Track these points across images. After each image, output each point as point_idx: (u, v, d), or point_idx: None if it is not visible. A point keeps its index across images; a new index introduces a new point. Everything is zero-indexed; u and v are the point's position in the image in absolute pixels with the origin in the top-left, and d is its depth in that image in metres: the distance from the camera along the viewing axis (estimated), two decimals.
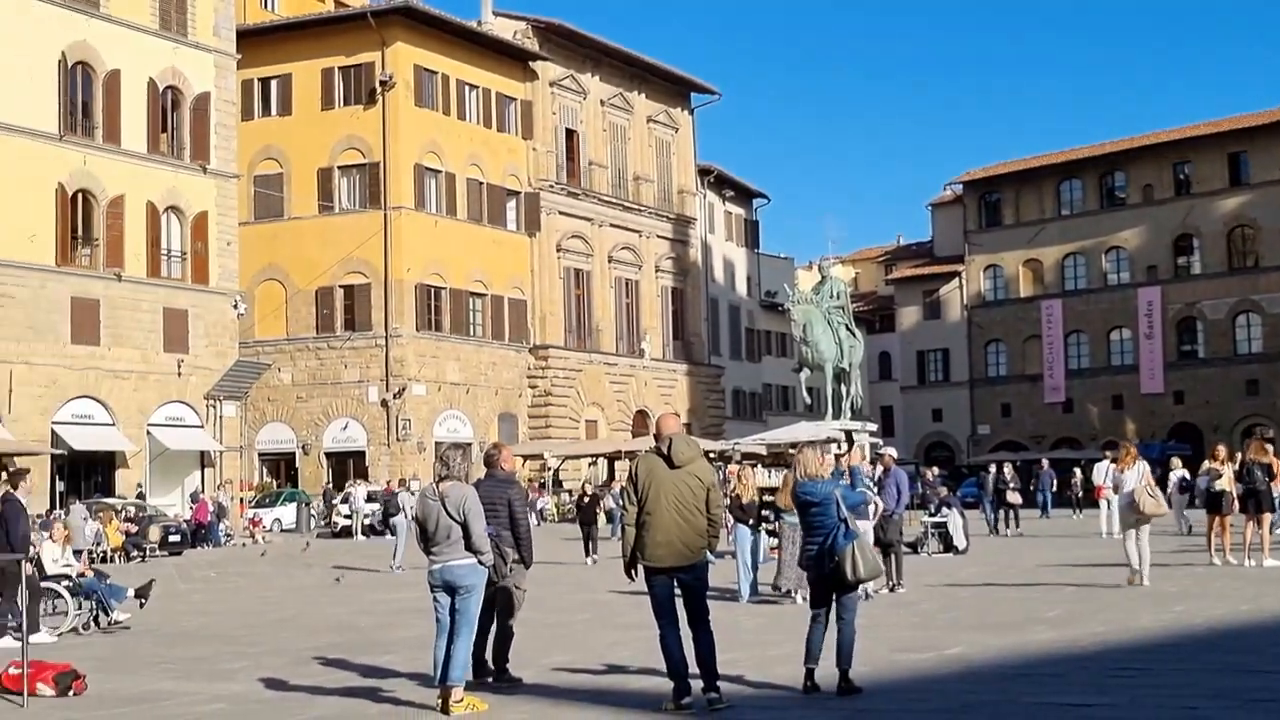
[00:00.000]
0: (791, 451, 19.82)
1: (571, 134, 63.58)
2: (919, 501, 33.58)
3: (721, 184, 76.16)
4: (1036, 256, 78.42)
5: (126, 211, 44.96)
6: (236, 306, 48.73)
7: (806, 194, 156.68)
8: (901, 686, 11.42)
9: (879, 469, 21.52)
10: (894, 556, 20.15)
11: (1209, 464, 24.89)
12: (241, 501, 49.60)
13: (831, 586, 10.97)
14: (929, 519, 29.38)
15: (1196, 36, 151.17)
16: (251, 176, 54.84)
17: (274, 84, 56.58)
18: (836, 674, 10.77)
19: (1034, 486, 45.44)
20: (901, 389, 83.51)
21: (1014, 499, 37.54)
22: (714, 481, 10.65)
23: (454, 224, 56.94)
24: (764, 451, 40.79)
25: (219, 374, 47.44)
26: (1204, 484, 24.77)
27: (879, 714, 10.17)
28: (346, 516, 46.79)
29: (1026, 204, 79.10)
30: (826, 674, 10.80)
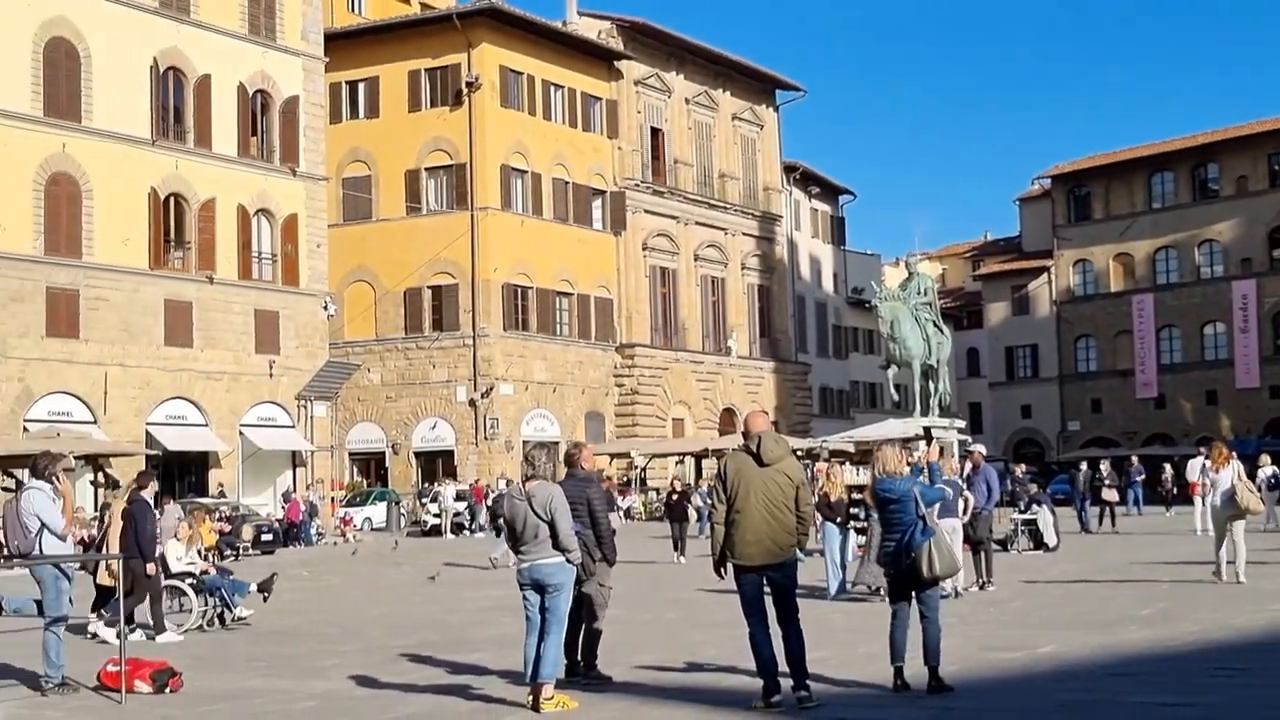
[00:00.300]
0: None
1: (656, 132, 63.57)
2: (1008, 498, 33.28)
3: (807, 181, 75.85)
4: (1127, 250, 77.47)
5: (218, 215, 45.59)
6: (326, 308, 49.27)
7: (893, 190, 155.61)
8: (992, 685, 11.31)
9: (968, 466, 21.35)
10: (984, 554, 20.00)
11: None
12: (332, 501, 50.13)
13: (909, 583, 10.92)
14: (1019, 516, 29.14)
15: None
16: (340, 179, 55.31)
17: (361, 87, 57.01)
18: (926, 672, 10.71)
19: (1126, 483, 44.93)
20: (990, 385, 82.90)
21: (1110, 496, 37.20)
22: (803, 479, 10.63)
23: (540, 224, 57.11)
24: (852, 449, 40.52)
25: (309, 375, 48.01)
26: None
27: (969, 712, 10.09)
28: (435, 515, 47.14)
29: (1117, 197, 78.17)
30: (916, 672, 10.73)
